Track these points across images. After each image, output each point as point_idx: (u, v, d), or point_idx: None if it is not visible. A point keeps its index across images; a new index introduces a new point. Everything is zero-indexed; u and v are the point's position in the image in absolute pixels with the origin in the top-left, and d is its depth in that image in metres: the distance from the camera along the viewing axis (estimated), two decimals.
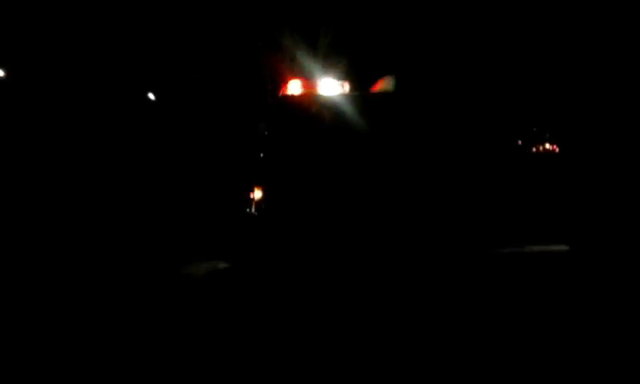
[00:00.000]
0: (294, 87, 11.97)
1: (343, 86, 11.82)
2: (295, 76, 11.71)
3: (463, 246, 11.54)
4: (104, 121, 14.85)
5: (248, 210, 12.31)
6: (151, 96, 14.52)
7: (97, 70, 14.87)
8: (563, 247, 11.62)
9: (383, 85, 12.09)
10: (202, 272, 11.08)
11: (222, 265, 11.60)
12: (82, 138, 14.79)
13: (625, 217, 11.22)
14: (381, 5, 11.74)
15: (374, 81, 12.09)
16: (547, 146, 12.47)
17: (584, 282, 9.86)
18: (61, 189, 14.18)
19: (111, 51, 15.01)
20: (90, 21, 14.65)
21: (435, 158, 11.60)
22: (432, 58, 11.74)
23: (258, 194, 12.10)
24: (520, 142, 12.21)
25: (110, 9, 14.29)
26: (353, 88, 11.79)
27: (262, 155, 12.13)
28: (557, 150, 12.34)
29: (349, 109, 11.75)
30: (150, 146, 14.09)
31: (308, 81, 11.86)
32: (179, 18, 13.25)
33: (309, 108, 11.98)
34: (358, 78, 11.71)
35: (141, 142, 14.18)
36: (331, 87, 11.86)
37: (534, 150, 12.47)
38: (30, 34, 14.61)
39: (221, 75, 13.33)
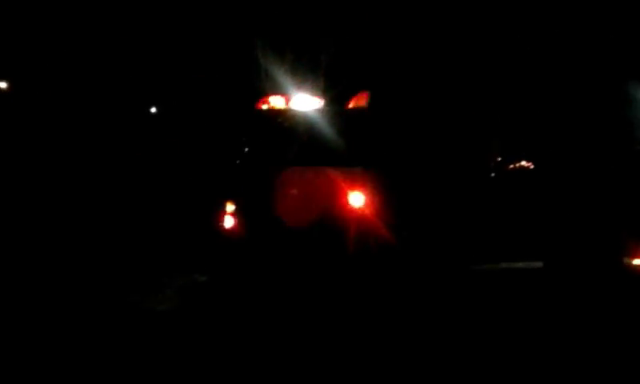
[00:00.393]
0: (270, 102, 12.13)
1: (317, 102, 11.99)
2: (271, 92, 11.88)
3: (434, 263, 11.65)
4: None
5: (222, 223, 12.38)
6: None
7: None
8: (538, 264, 11.74)
9: (358, 101, 12.25)
10: (182, 285, 11.18)
11: (200, 278, 11.69)
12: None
13: (598, 233, 11.30)
14: (355, 23, 11.96)
15: (350, 97, 12.27)
16: (521, 163, 12.60)
17: (558, 298, 10.04)
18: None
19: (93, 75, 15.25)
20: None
21: (409, 172, 11.74)
22: (405, 76, 11.94)
23: (232, 207, 12.19)
24: (493, 160, 12.35)
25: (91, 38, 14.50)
26: (327, 103, 11.97)
27: (236, 168, 12.26)
28: (530, 167, 12.46)
29: (323, 123, 11.89)
30: (127, 161, 14.27)
31: (283, 96, 12.04)
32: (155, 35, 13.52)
33: (284, 122, 12.13)
34: (333, 93, 11.89)
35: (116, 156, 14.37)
36: (306, 102, 12.02)
37: (508, 167, 12.60)
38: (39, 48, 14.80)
39: (197, 93, 13.53)
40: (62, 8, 14.02)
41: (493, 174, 12.22)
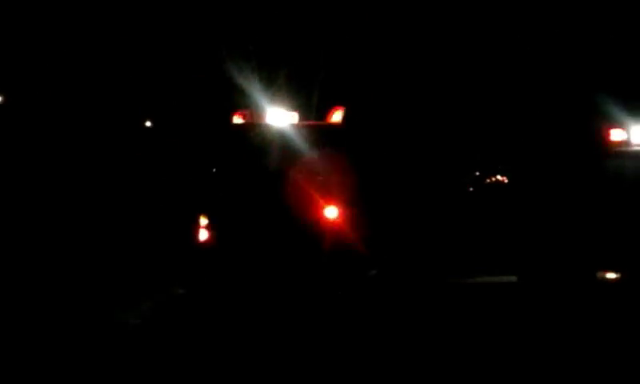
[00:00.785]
0: (244, 117, 12.14)
1: (292, 117, 12.04)
2: (245, 106, 11.88)
3: (404, 274, 11.78)
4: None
5: (196, 236, 12.34)
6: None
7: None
8: (512, 278, 11.87)
9: (334, 116, 12.34)
10: (162, 299, 11.13)
11: (179, 290, 11.63)
12: None
13: (571, 246, 11.51)
14: (332, 39, 12.07)
15: (326, 112, 12.36)
16: (496, 177, 12.82)
17: (532, 312, 10.14)
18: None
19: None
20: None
21: (386, 184, 11.87)
22: (380, 92, 12.08)
23: (206, 220, 12.16)
24: (471, 174, 12.54)
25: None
26: (302, 118, 12.04)
27: (211, 182, 12.25)
28: (505, 181, 12.68)
29: (297, 138, 11.95)
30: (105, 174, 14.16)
31: (257, 111, 12.08)
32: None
33: (258, 137, 12.16)
34: (309, 109, 11.96)
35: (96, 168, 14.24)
36: (280, 117, 12.06)
37: (484, 181, 12.81)
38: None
39: (171, 107, 13.49)
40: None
41: (471, 189, 12.45)
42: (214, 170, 12.25)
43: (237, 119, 12.04)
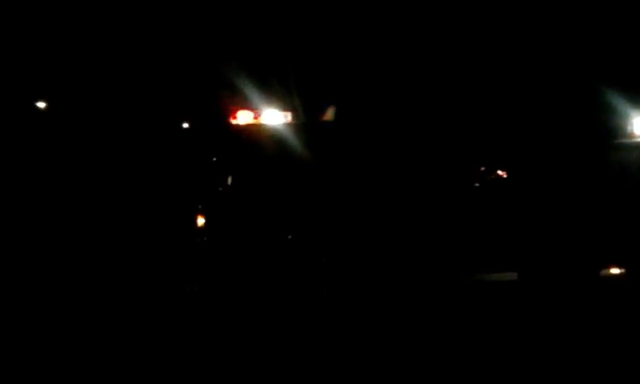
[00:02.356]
0: (240, 117, 12.35)
1: (286, 116, 12.23)
2: (241, 106, 12.11)
3: (403, 273, 11.80)
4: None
5: (203, 234, 12.56)
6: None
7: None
8: (512, 275, 11.80)
9: (328, 115, 12.50)
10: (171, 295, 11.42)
11: (193, 287, 11.87)
12: None
13: (573, 243, 11.46)
14: (324, 38, 12.20)
15: (321, 111, 12.50)
16: (496, 173, 12.72)
17: (533, 310, 10.02)
18: None
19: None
20: None
21: (374, 185, 11.94)
22: (372, 90, 12.15)
23: (205, 219, 12.41)
24: (476, 170, 12.45)
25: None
26: (296, 118, 12.21)
27: (210, 181, 12.50)
28: (504, 176, 12.57)
29: (292, 137, 12.14)
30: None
31: (253, 111, 12.27)
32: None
33: (254, 137, 12.37)
34: (303, 108, 12.11)
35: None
36: (275, 117, 12.27)
37: (482, 177, 12.73)
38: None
39: (169, 106, 13.74)
40: None
41: (477, 184, 12.39)
42: (216, 168, 12.51)
43: (233, 119, 12.29)
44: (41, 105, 15.55)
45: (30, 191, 14.29)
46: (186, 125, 13.74)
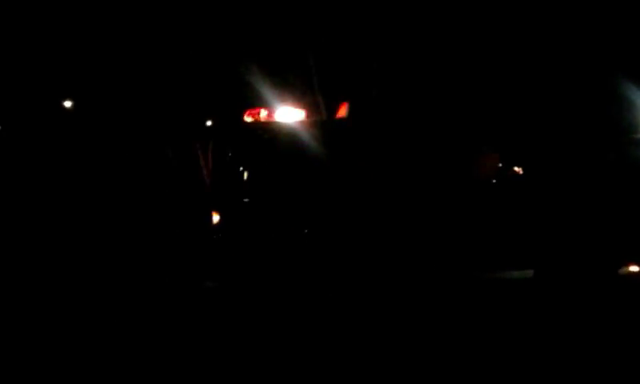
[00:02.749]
0: (255, 114, 12.41)
1: (300, 114, 12.24)
2: (256, 104, 12.17)
3: (414, 272, 11.76)
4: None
5: (220, 230, 12.64)
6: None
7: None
8: (529, 272, 11.60)
9: (343, 111, 12.48)
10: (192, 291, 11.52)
11: (209, 284, 11.96)
12: None
13: (593, 241, 11.30)
14: (338, 34, 12.20)
15: (336, 108, 12.50)
16: (512, 170, 12.62)
17: (551, 307, 9.97)
18: None
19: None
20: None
21: (391, 181, 11.91)
22: (386, 86, 12.12)
23: (218, 217, 12.49)
24: (493, 166, 12.37)
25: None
26: (309, 115, 12.22)
27: (227, 177, 12.59)
28: (520, 173, 12.48)
29: (306, 134, 12.15)
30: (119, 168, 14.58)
31: (268, 108, 12.31)
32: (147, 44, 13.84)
33: (269, 134, 12.42)
34: (318, 105, 12.15)
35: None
36: (290, 114, 12.28)
37: (497, 174, 12.64)
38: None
39: (184, 103, 13.84)
40: None
41: (494, 181, 12.28)
42: (232, 165, 12.57)
43: (247, 117, 12.34)
44: (67, 104, 15.89)
45: (57, 184, 14.57)
46: (205, 122, 13.86)
